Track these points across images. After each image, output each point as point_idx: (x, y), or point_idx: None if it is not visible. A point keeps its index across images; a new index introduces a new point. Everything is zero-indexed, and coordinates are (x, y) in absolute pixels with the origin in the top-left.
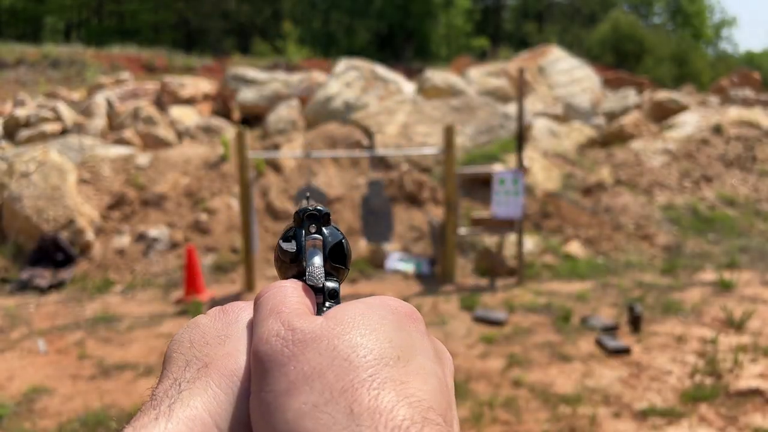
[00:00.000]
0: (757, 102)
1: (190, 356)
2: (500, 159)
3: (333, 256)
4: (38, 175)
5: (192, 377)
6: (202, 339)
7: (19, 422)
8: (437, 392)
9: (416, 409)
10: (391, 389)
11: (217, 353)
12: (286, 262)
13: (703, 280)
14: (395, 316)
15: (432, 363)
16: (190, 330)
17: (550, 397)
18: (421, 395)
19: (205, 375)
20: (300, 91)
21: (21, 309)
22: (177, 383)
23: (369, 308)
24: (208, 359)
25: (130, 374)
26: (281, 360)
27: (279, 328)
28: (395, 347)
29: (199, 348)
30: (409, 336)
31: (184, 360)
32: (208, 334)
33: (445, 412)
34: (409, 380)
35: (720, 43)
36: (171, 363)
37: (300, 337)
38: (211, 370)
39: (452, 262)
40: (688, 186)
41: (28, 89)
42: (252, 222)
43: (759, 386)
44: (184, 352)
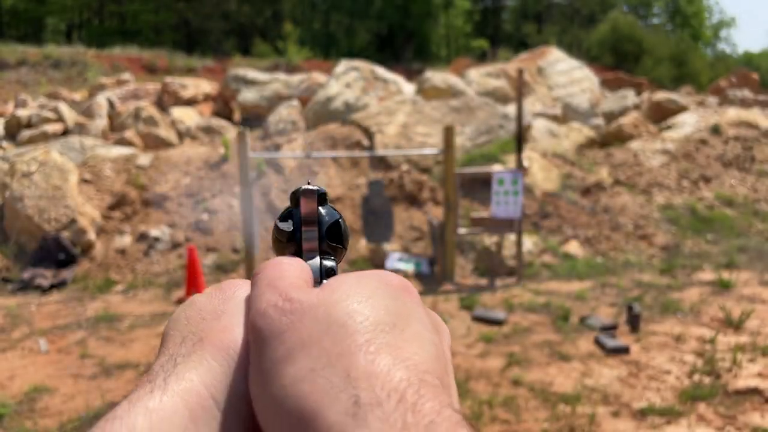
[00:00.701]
0: (756, 102)
1: (186, 332)
2: (500, 159)
3: (330, 235)
4: (40, 175)
5: (187, 351)
6: (198, 315)
7: (21, 421)
8: (434, 358)
9: (413, 371)
10: (387, 353)
11: (213, 327)
12: (283, 241)
13: (701, 279)
14: (390, 286)
15: (428, 331)
16: (186, 308)
17: (550, 397)
18: (418, 359)
19: (200, 348)
20: (300, 91)
21: (22, 308)
22: (173, 358)
23: (364, 278)
24: (203, 333)
25: (131, 373)
26: (278, 329)
27: (276, 298)
28: (391, 314)
29: (195, 324)
30: (405, 305)
31: (180, 336)
32: (204, 310)
33: (442, 377)
34: (406, 345)
35: (718, 43)
36: (168, 340)
37: (297, 306)
38: (206, 344)
39: (452, 261)
40: (686, 186)
41: (30, 90)
42: (253, 222)
43: (757, 385)
44: (180, 329)
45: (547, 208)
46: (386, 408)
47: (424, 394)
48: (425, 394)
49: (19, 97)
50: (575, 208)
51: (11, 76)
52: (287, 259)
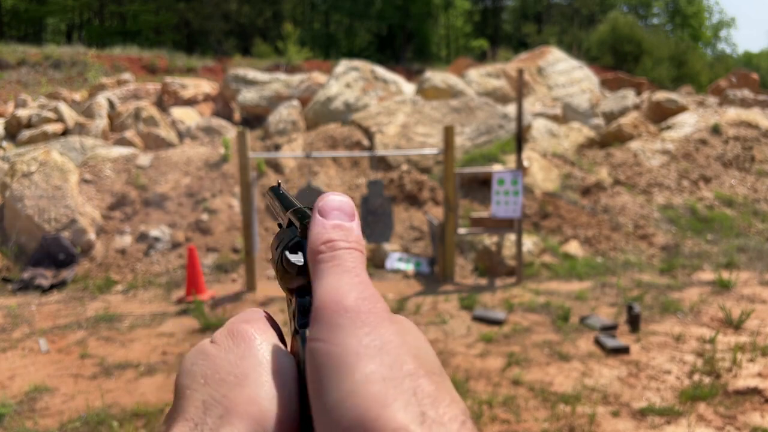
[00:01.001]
0: (756, 102)
1: (206, 396)
2: (499, 159)
3: None
4: (40, 176)
5: (215, 425)
6: (216, 375)
7: (21, 421)
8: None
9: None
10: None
11: (237, 397)
12: (293, 273)
13: (701, 279)
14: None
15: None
16: (200, 362)
17: (549, 396)
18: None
19: (228, 423)
20: (300, 91)
21: (23, 308)
22: (199, 429)
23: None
24: (227, 402)
25: (131, 373)
26: (364, 322)
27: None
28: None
29: (214, 387)
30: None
31: (200, 400)
32: (221, 370)
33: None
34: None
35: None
36: (186, 401)
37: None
38: (234, 418)
39: (452, 261)
40: (686, 186)
41: (30, 90)
42: (253, 222)
43: (757, 385)
44: (199, 390)
45: (547, 208)
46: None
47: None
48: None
49: (19, 97)
50: (575, 208)
51: (11, 76)
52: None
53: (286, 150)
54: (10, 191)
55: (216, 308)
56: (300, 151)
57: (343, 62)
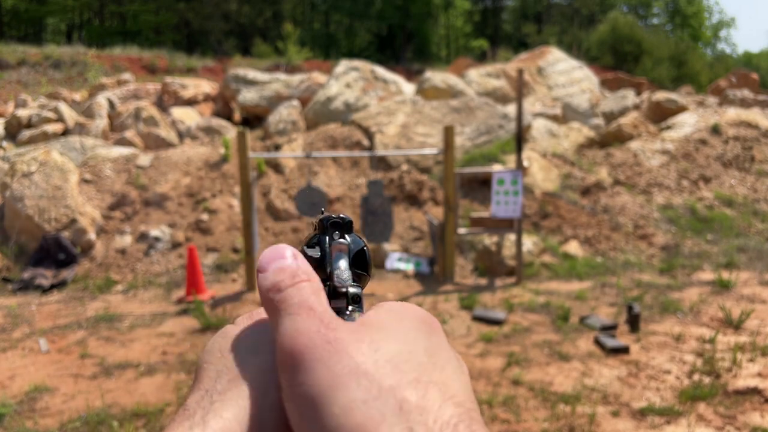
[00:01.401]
0: (755, 102)
1: (221, 366)
2: (499, 159)
3: (356, 262)
4: (40, 175)
5: (223, 388)
6: (231, 348)
7: (21, 421)
8: (471, 395)
9: (461, 408)
10: (435, 390)
11: (247, 365)
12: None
13: (701, 279)
14: (424, 325)
15: (460, 368)
16: (219, 339)
17: (549, 396)
18: (462, 397)
19: (236, 386)
20: (300, 91)
21: (23, 308)
22: (209, 394)
23: (401, 317)
24: (238, 369)
25: (131, 373)
26: (322, 355)
27: (317, 324)
28: (430, 354)
29: (228, 358)
30: (438, 343)
31: (215, 370)
32: (237, 344)
33: (478, 412)
34: (449, 383)
35: (718, 43)
36: (202, 373)
37: (342, 336)
38: (241, 382)
39: (452, 261)
40: (686, 186)
41: (30, 90)
42: (253, 222)
43: (757, 385)
44: (215, 362)
45: (546, 208)
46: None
47: (475, 430)
48: (476, 430)
49: (19, 97)
50: (575, 208)
51: (12, 76)
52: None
53: (286, 150)
54: (10, 191)
55: (216, 308)
56: (300, 151)
57: (343, 62)
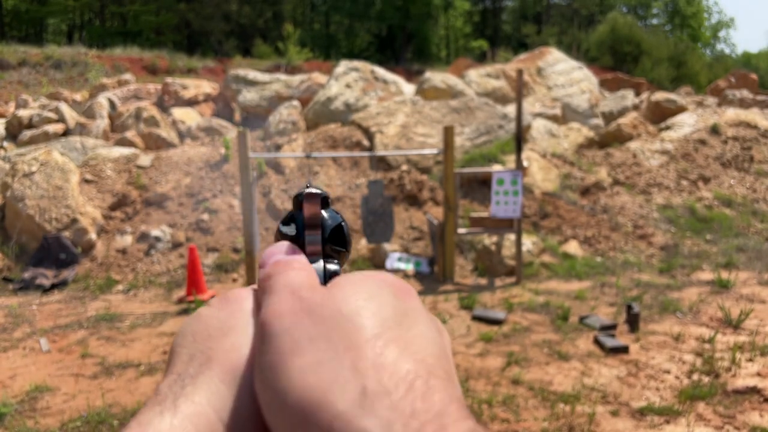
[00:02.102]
0: (754, 103)
1: (194, 350)
2: (499, 159)
3: (333, 238)
4: (41, 175)
5: (195, 372)
6: (204, 331)
7: (22, 420)
8: (440, 356)
9: (421, 364)
10: (395, 347)
11: (221, 346)
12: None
13: (700, 279)
14: (394, 287)
15: (432, 331)
16: (193, 323)
17: (549, 396)
18: (425, 354)
19: (208, 369)
20: (301, 92)
21: (24, 308)
22: (181, 378)
23: (369, 278)
24: (210, 352)
25: (132, 373)
26: (286, 324)
27: (287, 297)
28: (397, 313)
29: (201, 341)
30: (409, 306)
31: (188, 354)
32: (210, 326)
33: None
34: (413, 341)
35: (717, 44)
36: (175, 357)
37: (306, 304)
38: (214, 364)
39: (451, 261)
40: (685, 186)
41: (31, 90)
42: (253, 222)
43: (756, 385)
44: (188, 346)
45: (546, 208)
46: (394, 396)
47: (433, 385)
48: (434, 386)
49: (20, 97)
50: (574, 208)
51: (13, 77)
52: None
53: (286, 150)
54: (11, 191)
55: None
56: (300, 151)
57: (343, 63)
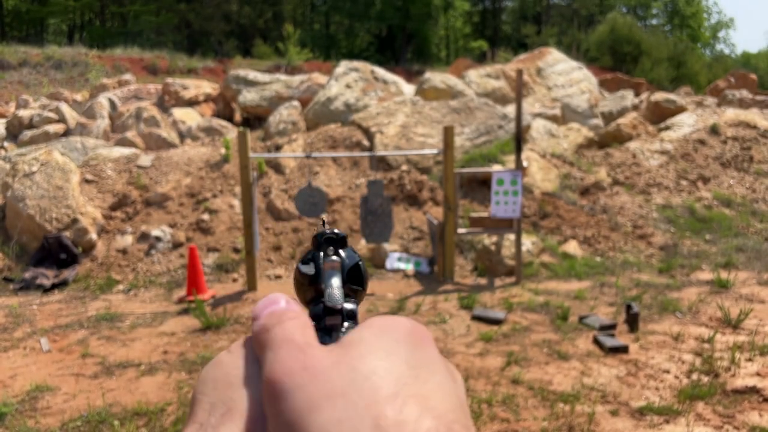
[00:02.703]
0: (754, 103)
1: (215, 399)
2: (499, 159)
3: (351, 278)
4: (41, 175)
5: (217, 422)
6: (225, 379)
7: (23, 420)
8: (458, 408)
9: (441, 420)
10: (414, 403)
11: (241, 396)
12: (305, 284)
13: (700, 279)
14: (409, 337)
15: (449, 380)
16: (213, 369)
17: (549, 395)
18: (444, 409)
19: (229, 420)
20: (301, 92)
21: (24, 308)
22: (203, 429)
23: (383, 332)
24: (231, 402)
25: (132, 372)
26: (300, 382)
27: (296, 353)
28: (413, 367)
29: (222, 390)
30: (424, 356)
31: (209, 403)
32: (231, 374)
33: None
34: (431, 395)
35: (717, 44)
36: (197, 406)
37: (318, 362)
38: (235, 415)
39: (451, 261)
40: (685, 186)
41: (32, 90)
42: (253, 222)
43: (756, 384)
44: (209, 394)
45: (546, 208)
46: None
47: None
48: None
49: (20, 97)
50: (574, 208)
51: (13, 77)
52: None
53: (286, 150)
54: (11, 191)
55: (217, 308)
56: (300, 151)
57: (344, 63)
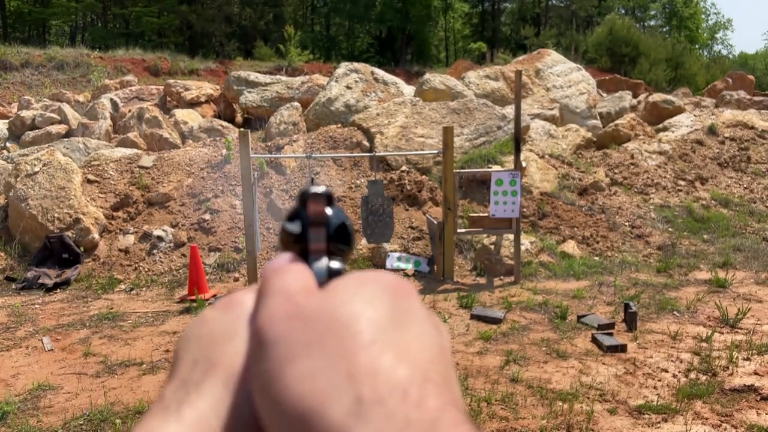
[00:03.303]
0: (751, 103)
1: (198, 355)
2: (498, 160)
3: (337, 236)
4: (44, 176)
5: (199, 378)
6: (208, 335)
7: (25, 419)
8: (438, 357)
9: (416, 369)
10: (390, 352)
11: (225, 352)
12: (291, 242)
13: (697, 278)
14: (391, 287)
15: (430, 330)
16: (197, 326)
17: (547, 394)
18: (421, 357)
19: (212, 375)
20: (301, 93)
21: (27, 307)
22: (185, 384)
23: (365, 280)
24: (214, 357)
25: (134, 371)
26: (280, 331)
27: (283, 304)
28: (394, 315)
29: (205, 346)
30: (407, 306)
31: (192, 359)
32: (214, 330)
33: (445, 374)
34: (409, 344)
35: (715, 45)
36: (179, 362)
37: (301, 310)
38: (218, 370)
39: (451, 261)
40: (683, 186)
41: (34, 91)
42: (255, 221)
43: (753, 383)
44: (191, 350)
45: (544, 208)
46: (389, 405)
47: (428, 390)
48: (429, 391)
49: (23, 98)
50: (572, 208)
51: (15, 78)
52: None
53: (287, 151)
54: (14, 191)
55: None
56: (301, 151)
57: (344, 64)
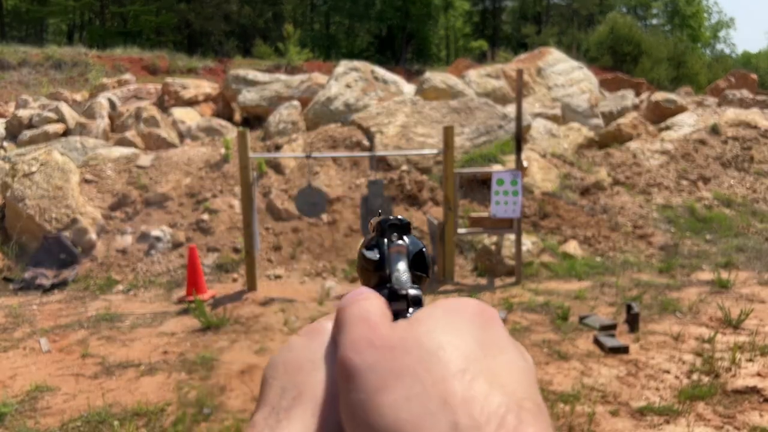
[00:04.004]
0: (754, 103)
1: (286, 382)
2: (499, 159)
3: (415, 264)
4: (41, 175)
5: (288, 405)
6: (295, 363)
7: (23, 420)
8: (528, 385)
9: (511, 397)
10: (483, 380)
11: (311, 380)
12: (370, 270)
13: (700, 279)
14: (477, 316)
15: (519, 359)
16: (284, 353)
17: (549, 395)
18: (514, 385)
19: (300, 403)
20: (301, 92)
21: (24, 308)
22: (275, 412)
23: (451, 310)
24: (302, 386)
25: (132, 372)
26: (369, 362)
27: (366, 333)
28: (481, 345)
29: (292, 374)
30: (493, 335)
31: (280, 387)
32: (301, 358)
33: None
34: (501, 373)
35: (717, 44)
36: (268, 389)
37: (387, 341)
38: (305, 398)
39: (451, 261)
40: (685, 186)
41: (31, 90)
42: (253, 222)
43: (756, 385)
44: (279, 378)
45: (546, 208)
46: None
47: (524, 419)
48: (525, 419)
49: (20, 97)
50: (574, 208)
51: (13, 77)
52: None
53: (286, 150)
54: (11, 191)
55: (217, 308)
56: (300, 151)
57: (344, 63)
